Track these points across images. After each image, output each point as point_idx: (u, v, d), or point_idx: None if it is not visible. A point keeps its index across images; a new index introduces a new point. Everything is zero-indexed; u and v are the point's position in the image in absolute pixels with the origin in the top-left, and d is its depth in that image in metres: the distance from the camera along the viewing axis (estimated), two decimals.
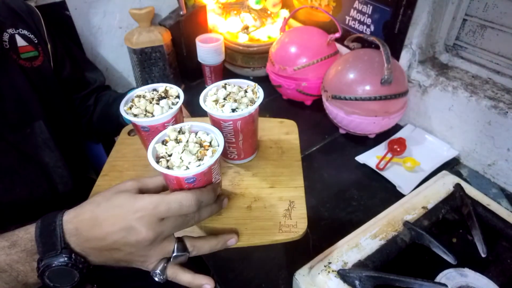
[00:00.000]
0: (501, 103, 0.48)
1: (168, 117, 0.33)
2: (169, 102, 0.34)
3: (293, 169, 0.37)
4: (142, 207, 0.25)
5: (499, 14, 0.49)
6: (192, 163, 0.26)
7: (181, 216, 0.26)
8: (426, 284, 0.32)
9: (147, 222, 0.25)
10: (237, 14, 0.78)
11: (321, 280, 0.33)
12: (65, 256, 0.25)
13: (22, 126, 0.41)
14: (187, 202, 0.25)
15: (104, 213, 0.25)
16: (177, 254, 0.27)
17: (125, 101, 0.35)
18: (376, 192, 0.50)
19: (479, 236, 0.37)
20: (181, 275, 0.27)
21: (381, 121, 0.54)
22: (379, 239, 0.37)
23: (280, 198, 0.34)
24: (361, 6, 0.61)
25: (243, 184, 0.35)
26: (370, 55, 0.54)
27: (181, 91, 0.36)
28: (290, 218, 0.32)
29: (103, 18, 0.68)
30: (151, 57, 0.68)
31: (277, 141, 0.40)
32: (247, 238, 0.30)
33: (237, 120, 0.32)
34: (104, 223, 0.25)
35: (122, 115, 0.32)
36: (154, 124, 0.33)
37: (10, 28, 0.42)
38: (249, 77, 0.78)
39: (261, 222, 0.32)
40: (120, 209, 0.25)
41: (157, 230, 0.25)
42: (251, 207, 0.33)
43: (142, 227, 0.24)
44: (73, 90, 0.52)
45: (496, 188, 0.51)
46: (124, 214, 0.25)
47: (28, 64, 0.43)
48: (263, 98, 0.34)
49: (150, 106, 0.33)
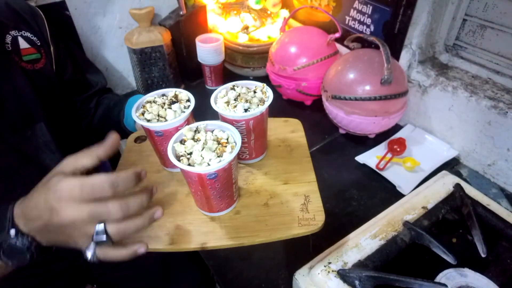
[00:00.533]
0: (501, 103, 0.48)
1: (181, 121, 0.33)
2: (181, 106, 0.34)
3: (303, 165, 0.37)
4: (61, 189, 0.26)
5: (499, 14, 0.49)
6: (213, 160, 0.27)
7: (100, 202, 0.26)
8: (426, 284, 0.32)
9: (64, 204, 0.26)
10: (237, 14, 0.78)
11: (321, 280, 0.33)
12: (13, 235, 0.27)
13: (23, 128, 0.41)
14: (99, 183, 0.25)
15: (38, 197, 0.28)
16: (96, 239, 0.27)
17: (136, 107, 0.35)
18: (376, 192, 0.50)
19: (479, 236, 0.37)
20: (112, 253, 0.28)
21: (381, 121, 0.54)
22: (379, 239, 0.37)
23: (295, 194, 0.34)
24: (361, 6, 0.61)
25: (257, 182, 0.36)
26: (370, 55, 0.54)
27: (191, 95, 0.36)
28: (308, 212, 0.32)
29: (103, 18, 0.68)
30: (151, 57, 0.68)
31: (284, 140, 0.41)
32: (269, 233, 0.31)
33: (250, 120, 0.33)
34: (38, 206, 0.27)
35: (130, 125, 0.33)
36: (168, 129, 0.33)
37: (12, 30, 0.41)
38: (249, 77, 0.78)
39: (280, 217, 0.32)
40: (47, 191, 0.27)
41: (73, 213, 0.26)
42: (268, 204, 0.34)
43: (60, 209, 0.26)
44: (75, 93, 0.52)
45: (496, 188, 0.51)
46: (48, 197, 0.26)
47: (30, 67, 0.43)
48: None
49: (162, 111, 0.34)
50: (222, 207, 0.32)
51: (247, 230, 0.31)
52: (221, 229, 0.32)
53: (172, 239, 0.31)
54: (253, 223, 0.32)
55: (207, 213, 0.33)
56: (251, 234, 0.31)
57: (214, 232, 0.31)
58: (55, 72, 0.47)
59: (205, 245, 0.31)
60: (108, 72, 0.74)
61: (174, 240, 0.31)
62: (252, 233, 0.31)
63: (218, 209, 0.32)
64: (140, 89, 0.75)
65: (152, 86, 0.72)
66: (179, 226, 0.32)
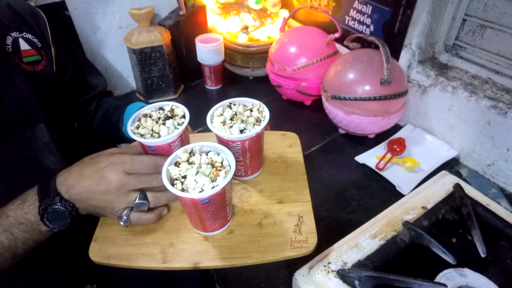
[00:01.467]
0: (500, 103, 0.48)
1: (174, 137, 0.34)
2: (174, 123, 0.34)
3: (299, 183, 0.37)
4: (113, 161, 0.32)
5: (499, 14, 0.49)
6: (207, 185, 0.28)
7: (143, 175, 0.32)
8: (426, 284, 0.32)
9: (116, 172, 0.31)
10: (236, 14, 0.78)
11: (320, 280, 0.33)
12: (57, 201, 0.31)
13: (23, 129, 0.41)
14: (147, 162, 0.32)
15: (85, 167, 0.33)
16: (138, 201, 0.32)
17: (132, 120, 0.35)
18: (376, 192, 0.50)
19: (478, 236, 0.37)
20: (143, 217, 0.33)
21: (380, 121, 0.54)
22: (378, 239, 0.37)
23: (289, 214, 0.34)
24: (361, 6, 0.61)
25: (252, 200, 0.36)
26: (370, 55, 0.54)
27: (187, 110, 0.36)
28: (300, 234, 0.32)
29: (103, 18, 0.68)
30: (151, 57, 0.68)
31: (281, 155, 0.40)
32: (261, 255, 0.31)
33: (245, 141, 0.33)
34: (84, 174, 0.32)
35: (128, 133, 0.33)
36: (161, 144, 0.34)
37: (14, 32, 0.41)
38: (249, 77, 0.78)
39: (273, 238, 0.32)
40: (97, 164, 0.32)
41: (122, 181, 0.31)
42: (261, 224, 0.34)
43: (110, 176, 0.31)
44: (75, 95, 0.52)
45: (496, 188, 0.51)
46: (99, 167, 0.32)
47: (30, 68, 0.43)
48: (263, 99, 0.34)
49: (156, 127, 0.34)
50: (215, 228, 0.33)
51: (239, 250, 0.31)
52: (214, 248, 0.32)
53: (165, 258, 0.31)
54: (246, 243, 0.32)
55: (201, 232, 0.33)
56: (244, 255, 0.31)
57: (208, 251, 0.32)
58: (55, 74, 0.47)
59: (198, 265, 0.31)
60: (108, 72, 0.74)
61: (167, 258, 0.31)
62: (244, 254, 0.31)
63: (212, 229, 0.33)
64: (140, 89, 0.75)
65: (152, 86, 0.72)
66: (173, 244, 0.32)
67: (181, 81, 0.77)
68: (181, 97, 0.74)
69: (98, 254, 0.32)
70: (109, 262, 0.32)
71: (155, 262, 0.31)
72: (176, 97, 0.74)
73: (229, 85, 0.77)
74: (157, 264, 0.31)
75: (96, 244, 0.33)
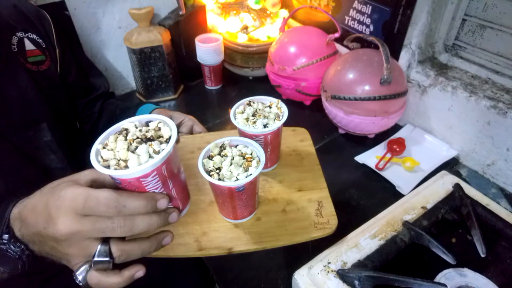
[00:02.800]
0: (500, 103, 0.48)
1: (146, 171, 0.24)
2: (149, 149, 0.24)
3: (315, 173, 0.40)
4: (64, 196, 0.23)
5: (499, 14, 0.49)
6: (241, 175, 0.30)
7: (103, 218, 0.23)
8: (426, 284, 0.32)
9: (64, 214, 0.23)
10: (236, 14, 0.78)
11: (320, 280, 0.33)
12: (5, 240, 0.25)
13: (26, 127, 0.41)
14: (105, 201, 0.23)
15: (40, 199, 0.25)
16: (98, 259, 0.24)
17: (105, 135, 0.26)
18: (376, 192, 0.50)
19: (478, 236, 0.37)
20: (106, 280, 0.24)
21: (380, 121, 0.54)
22: (378, 239, 0.37)
23: (309, 200, 0.37)
24: (361, 6, 0.61)
25: (274, 190, 0.38)
26: (370, 55, 0.54)
27: (175, 132, 0.26)
28: (322, 216, 0.35)
29: (103, 18, 0.68)
30: (150, 57, 0.68)
31: (294, 149, 0.43)
32: (290, 238, 0.34)
33: (268, 134, 0.36)
34: (36, 210, 0.25)
35: (90, 155, 0.25)
36: (126, 178, 0.24)
37: (19, 32, 0.42)
38: (249, 77, 0.78)
39: (297, 222, 0.35)
40: (50, 195, 0.24)
41: (72, 226, 0.23)
42: (285, 210, 0.36)
43: (58, 219, 0.23)
44: (78, 96, 0.53)
45: (496, 188, 0.51)
46: (49, 202, 0.24)
47: (34, 68, 0.43)
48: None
49: (124, 152, 0.24)
50: (245, 215, 0.35)
51: (269, 235, 0.34)
52: (245, 234, 0.34)
53: (200, 246, 0.33)
54: (273, 228, 0.34)
55: (231, 220, 0.35)
56: (273, 238, 0.34)
57: (239, 237, 0.34)
58: (59, 74, 0.47)
59: (232, 250, 0.33)
60: (108, 72, 0.74)
61: (202, 246, 0.33)
62: (273, 238, 0.34)
63: (242, 217, 0.34)
64: (140, 89, 0.75)
65: (152, 86, 0.72)
66: (206, 233, 0.34)
67: (181, 81, 0.77)
68: (180, 97, 0.74)
69: None
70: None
71: (191, 250, 0.32)
72: (175, 97, 0.74)
73: (228, 85, 0.77)
74: (193, 252, 0.32)
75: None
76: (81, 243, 0.24)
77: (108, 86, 0.57)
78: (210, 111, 0.69)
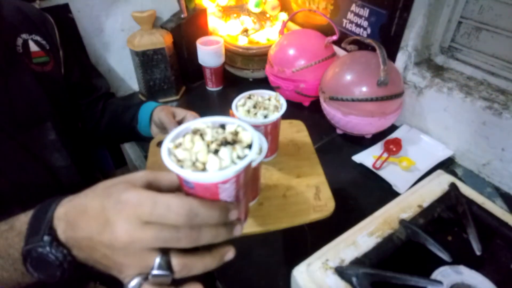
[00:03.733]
0: (495, 103, 0.49)
1: (227, 176, 0.21)
2: (233, 154, 0.21)
3: (311, 161, 0.43)
4: (126, 200, 0.20)
5: (494, 16, 0.50)
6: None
7: (168, 227, 0.20)
8: (422, 281, 0.33)
9: (126, 219, 0.20)
10: (236, 17, 0.79)
11: (318, 277, 0.34)
12: (46, 243, 0.21)
13: (30, 126, 0.42)
14: (176, 208, 0.20)
15: (93, 200, 0.22)
16: (157, 273, 0.21)
17: (175, 135, 0.23)
18: (373, 191, 0.51)
19: (474, 234, 0.37)
20: None
21: (377, 121, 0.55)
22: (375, 237, 0.37)
23: (308, 185, 0.39)
24: (358, 9, 0.62)
25: (274, 177, 0.41)
26: (367, 57, 0.55)
27: (265, 142, 0.30)
28: (320, 200, 0.38)
29: (106, 21, 0.69)
30: (153, 59, 0.69)
31: (291, 139, 0.46)
32: (291, 220, 0.36)
33: (268, 125, 0.37)
34: (88, 212, 0.22)
35: (162, 155, 0.21)
36: (203, 183, 0.21)
37: (24, 34, 0.43)
38: (249, 79, 0.79)
39: (297, 206, 0.37)
40: (107, 197, 0.21)
41: (134, 234, 0.20)
42: (286, 195, 0.38)
43: (118, 225, 0.20)
44: (81, 96, 0.54)
45: (491, 187, 0.52)
46: (107, 205, 0.21)
47: (39, 69, 0.44)
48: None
49: (203, 154, 0.21)
50: (249, 199, 0.36)
51: (271, 218, 0.36)
52: (249, 218, 0.35)
53: None
54: (276, 212, 0.36)
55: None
56: (276, 221, 0.36)
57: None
58: (63, 75, 0.48)
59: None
60: (111, 74, 0.75)
61: None
62: (276, 220, 0.36)
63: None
64: (142, 91, 0.76)
65: (154, 88, 0.73)
66: None
67: (183, 83, 0.78)
68: (182, 98, 0.75)
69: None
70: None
71: None
72: (177, 98, 0.75)
73: (229, 87, 0.78)
74: None
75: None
76: (139, 253, 0.21)
77: (108, 86, 0.59)
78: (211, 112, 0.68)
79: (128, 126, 0.53)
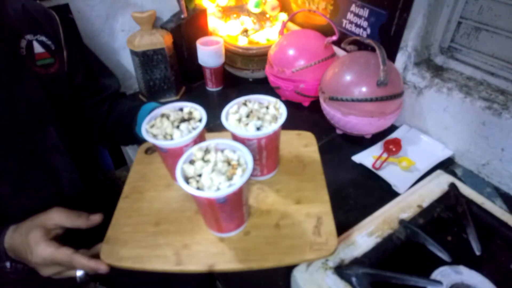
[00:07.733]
0: (495, 104, 0.49)
1: (187, 141, 0.32)
2: (189, 127, 0.33)
3: (317, 183, 0.36)
4: (37, 255, 0.36)
5: (494, 16, 0.50)
6: (223, 183, 0.26)
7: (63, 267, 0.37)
8: (421, 281, 0.33)
9: (42, 265, 0.36)
10: (236, 18, 0.79)
11: (318, 277, 0.34)
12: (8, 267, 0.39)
13: (33, 131, 0.42)
14: (64, 261, 0.36)
15: (21, 243, 0.36)
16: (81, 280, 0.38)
17: (149, 118, 0.35)
18: (372, 191, 0.51)
19: (473, 234, 0.37)
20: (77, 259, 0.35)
21: (377, 121, 0.55)
22: (375, 237, 0.38)
23: (308, 214, 0.33)
24: (358, 10, 0.62)
25: (268, 200, 0.34)
26: (366, 58, 0.55)
27: (205, 114, 0.35)
28: (320, 235, 0.31)
29: (106, 21, 0.69)
30: (153, 60, 0.69)
31: (297, 155, 0.39)
32: (280, 258, 0.29)
33: (262, 139, 0.31)
34: (21, 252, 0.36)
35: (142, 132, 0.33)
36: (172, 147, 0.32)
37: (28, 34, 0.42)
38: (249, 79, 0.79)
39: (291, 240, 0.31)
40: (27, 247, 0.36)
41: (49, 271, 0.37)
42: (279, 225, 0.32)
43: (38, 268, 0.37)
44: (86, 97, 0.52)
45: (490, 187, 0.52)
46: (27, 256, 0.36)
47: (43, 71, 0.43)
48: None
49: (170, 129, 0.33)
50: (231, 228, 0.31)
51: (256, 252, 0.30)
52: (230, 250, 0.30)
53: (179, 260, 0.30)
54: (263, 245, 0.30)
55: (216, 233, 0.32)
56: (261, 257, 0.30)
57: (223, 253, 0.30)
58: (67, 76, 0.47)
59: (213, 268, 0.30)
60: None
61: (182, 261, 0.30)
62: (261, 257, 0.30)
63: (227, 230, 0.31)
64: (143, 91, 0.76)
65: (154, 88, 0.73)
66: (187, 245, 0.31)
67: (183, 83, 0.78)
68: (182, 98, 0.75)
69: (109, 256, 0.32)
70: (121, 264, 0.31)
71: (169, 264, 0.30)
72: (177, 98, 0.75)
73: (229, 87, 0.78)
74: (171, 266, 0.30)
75: (107, 246, 0.32)
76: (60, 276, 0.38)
77: (118, 86, 0.57)
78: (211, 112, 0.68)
79: (128, 128, 0.51)
